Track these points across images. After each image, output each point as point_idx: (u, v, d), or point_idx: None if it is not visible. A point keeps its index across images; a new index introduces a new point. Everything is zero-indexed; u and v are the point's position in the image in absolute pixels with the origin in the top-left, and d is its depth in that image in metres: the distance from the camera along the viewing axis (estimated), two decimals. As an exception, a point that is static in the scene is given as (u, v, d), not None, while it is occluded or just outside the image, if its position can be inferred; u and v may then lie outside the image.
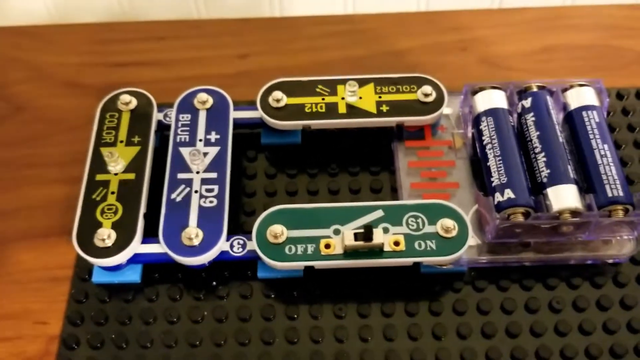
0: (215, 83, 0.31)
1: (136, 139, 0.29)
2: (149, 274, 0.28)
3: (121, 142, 0.29)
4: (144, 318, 0.27)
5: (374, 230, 0.26)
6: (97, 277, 0.27)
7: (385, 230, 0.26)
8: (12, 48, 0.37)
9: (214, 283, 0.28)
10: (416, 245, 0.26)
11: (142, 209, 0.27)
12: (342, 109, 0.30)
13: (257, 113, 0.31)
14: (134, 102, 0.30)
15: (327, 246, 0.26)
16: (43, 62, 0.37)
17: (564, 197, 0.26)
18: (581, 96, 0.29)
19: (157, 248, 0.27)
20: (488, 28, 0.38)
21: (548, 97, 0.29)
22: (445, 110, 0.31)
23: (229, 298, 0.28)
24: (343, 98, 0.30)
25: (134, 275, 0.28)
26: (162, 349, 0.26)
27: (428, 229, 0.26)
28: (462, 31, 0.37)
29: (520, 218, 0.26)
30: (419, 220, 0.27)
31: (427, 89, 0.30)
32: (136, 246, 0.27)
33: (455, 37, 0.37)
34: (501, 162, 0.27)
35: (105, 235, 0.26)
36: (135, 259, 0.27)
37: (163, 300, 0.28)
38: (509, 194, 0.26)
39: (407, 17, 0.38)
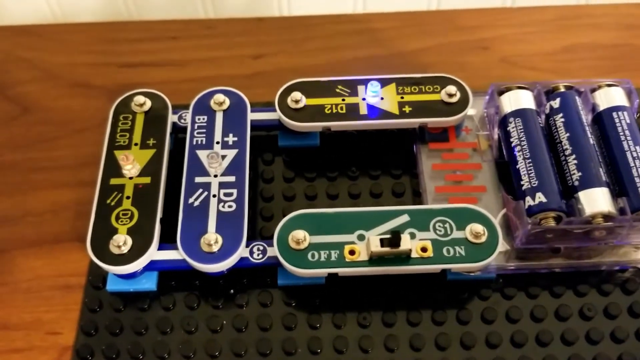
0: (230, 84, 0.30)
1: (151, 142, 0.28)
2: (165, 281, 0.27)
3: (135, 144, 0.28)
4: (160, 327, 0.26)
5: (401, 236, 0.25)
6: (112, 285, 0.26)
7: (412, 236, 0.25)
8: (18, 48, 0.36)
9: (232, 291, 0.27)
10: (444, 251, 0.25)
11: (159, 214, 0.26)
12: (363, 110, 0.29)
13: (275, 114, 0.30)
14: (148, 104, 0.29)
15: (352, 252, 0.25)
16: (51, 62, 0.35)
17: (597, 201, 0.25)
18: (610, 96, 0.28)
19: (174, 255, 0.26)
20: (507, 27, 0.37)
21: (577, 98, 0.28)
22: (470, 111, 0.30)
23: (248, 306, 0.27)
24: (364, 99, 0.29)
25: (149, 283, 0.27)
26: (180, 359, 0.25)
27: (456, 234, 0.26)
28: (481, 30, 0.36)
29: (551, 223, 0.25)
30: (447, 226, 0.26)
31: (451, 89, 0.29)
32: (153, 252, 0.26)
33: (474, 37, 0.36)
34: (531, 164, 0.26)
35: (121, 242, 0.25)
36: (151, 266, 0.26)
37: (180, 309, 0.27)
38: (540, 197, 0.26)
39: (423, 16, 0.38)
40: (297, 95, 0.29)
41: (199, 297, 0.27)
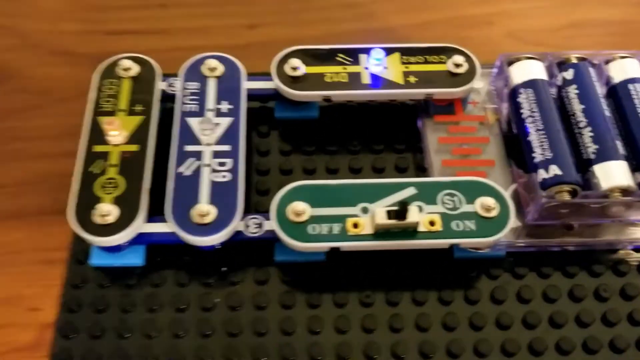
0: (223, 53, 0.29)
1: (139, 108, 0.26)
2: (153, 256, 0.25)
3: (122, 111, 0.26)
4: (148, 305, 0.24)
5: (409, 207, 0.23)
6: (96, 260, 0.24)
7: (419, 210, 0.24)
8: (-5, 14, 0.34)
9: (225, 268, 0.25)
10: (453, 225, 0.24)
11: (147, 183, 0.24)
12: (365, 80, 0.28)
13: (271, 83, 0.28)
14: (135, 69, 0.27)
15: (355, 225, 0.24)
16: (31, 29, 0.33)
17: (614, 174, 0.24)
18: (625, 68, 0.27)
19: (163, 227, 0.24)
20: (513, 2, 0.35)
21: (591, 69, 0.27)
22: (477, 84, 0.28)
23: (243, 284, 0.25)
24: (366, 68, 0.28)
25: (137, 258, 0.25)
26: (170, 338, 0.24)
27: (466, 208, 0.24)
28: (486, 5, 0.35)
29: (566, 197, 0.24)
30: (455, 199, 0.24)
31: (458, 59, 0.28)
32: (141, 224, 0.24)
33: (479, 11, 0.35)
34: (545, 136, 0.25)
35: (106, 211, 0.23)
36: (138, 239, 0.24)
37: (170, 286, 0.25)
38: (555, 170, 0.24)
39: (426, -11, 0.36)
40: (295, 62, 0.27)
41: (189, 273, 0.25)
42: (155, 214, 0.25)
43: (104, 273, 0.25)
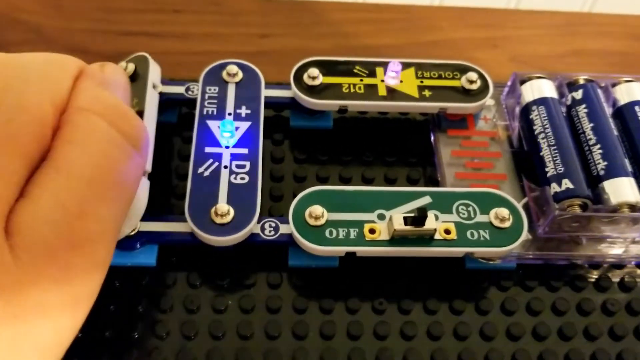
0: (235, 60, 0.29)
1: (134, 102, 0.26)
2: (165, 257, 0.25)
3: None
4: (160, 306, 0.24)
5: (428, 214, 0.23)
6: (110, 257, 0.24)
7: (435, 218, 0.24)
8: (13, 10, 0.34)
9: (239, 270, 0.25)
10: (468, 234, 0.24)
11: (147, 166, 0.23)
12: (382, 91, 0.28)
13: (287, 92, 0.28)
14: (130, 68, 0.27)
15: (372, 231, 0.24)
16: (47, 25, 0.33)
17: (623, 190, 0.25)
18: (632, 91, 0.28)
19: (179, 227, 0.24)
20: (517, 29, 0.37)
21: (598, 90, 0.28)
22: (488, 100, 0.29)
23: (256, 287, 0.25)
24: (382, 80, 0.28)
25: (149, 257, 0.24)
26: (180, 340, 0.23)
27: (480, 218, 0.24)
28: (491, 29, 0.36)
29: (577, 210, 0.25)
30: (470, 209, 0.25)
31: (472, 75, 0.28)
32: (141, 208, 0.23)
33: (484, 35, 0.36)
34: (557, 151, 0.26)
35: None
36: (152, 238, 0.24)
37: (182, 287, 0.25)
38: (567, 184, 0.25)
39: (435, 11, 0.37)
40: (314, 71, 0.28)
41: (202, 275, 0.25)
42: (172, 212, 0.25)
43: (114, 272, 0.24)
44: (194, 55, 0.32)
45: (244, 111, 0.27)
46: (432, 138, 0.29)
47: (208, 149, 0.26)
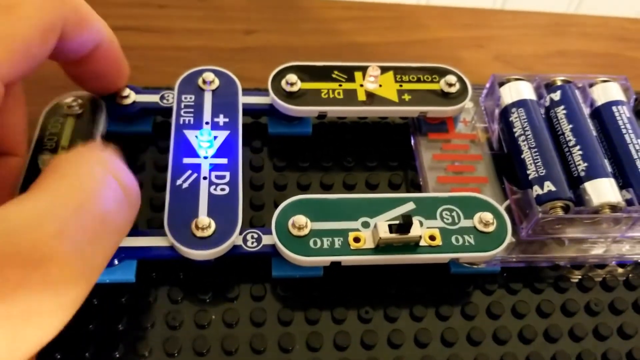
0: (219, 56, 0.29)
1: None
2: (144, 273, 0.24)
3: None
4: (141, 323, 0.23)
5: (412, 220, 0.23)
6: (87, 274, 0.23)
7: (420, 224, 0.24)
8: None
9: (221, 284, 0.24)
10: (453, 240, 0.24)
11: None
12: (361, 97, 0.28)
13: (265, 99, 0.28)
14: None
15: (357, 240, 0.23)
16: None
17: (604, 191, 0.25)
18: (608, 91, 0.28)
19: (158, 241, 0.23)
20: (502, 28, 0.37)
21: (576, 91, 0.28)
22: (468, 103, 0.29)
23: (239, 300, 0.24)
24: (362, 85, 0.28)
25: (127, 273, 0.24)
26: (163, 357, 0.23)
27: (464, 222, 0.24)
28: (476, 29, 0.36)
29: (560, 212, 0.25)
30: (454, 214, 0.24)
31: (451, 78, 0.28)
32: None
33: (469, 34, 0.36)
34: (537, 154, 0.26)
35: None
36: (131, 254, 0.23)
37: (163, 303, 0.24)
38: (549, 186, 0.25)
39: (422, 10, 0.37)
40: (292, 77, 0.27)
41: (184, 290, 0.24)
42: (150, 226, 0.24)
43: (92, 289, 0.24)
44: (179, 51, 0.31)
45: (221, 120, 0.26)
46: (413, 142, 0.29)
47: (186, 160, 0.25)
